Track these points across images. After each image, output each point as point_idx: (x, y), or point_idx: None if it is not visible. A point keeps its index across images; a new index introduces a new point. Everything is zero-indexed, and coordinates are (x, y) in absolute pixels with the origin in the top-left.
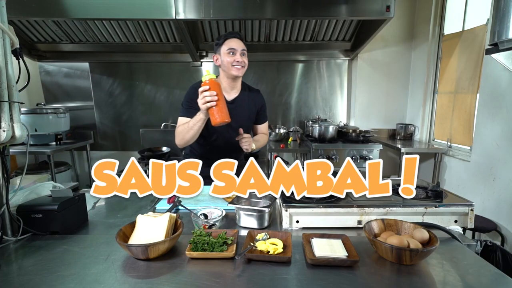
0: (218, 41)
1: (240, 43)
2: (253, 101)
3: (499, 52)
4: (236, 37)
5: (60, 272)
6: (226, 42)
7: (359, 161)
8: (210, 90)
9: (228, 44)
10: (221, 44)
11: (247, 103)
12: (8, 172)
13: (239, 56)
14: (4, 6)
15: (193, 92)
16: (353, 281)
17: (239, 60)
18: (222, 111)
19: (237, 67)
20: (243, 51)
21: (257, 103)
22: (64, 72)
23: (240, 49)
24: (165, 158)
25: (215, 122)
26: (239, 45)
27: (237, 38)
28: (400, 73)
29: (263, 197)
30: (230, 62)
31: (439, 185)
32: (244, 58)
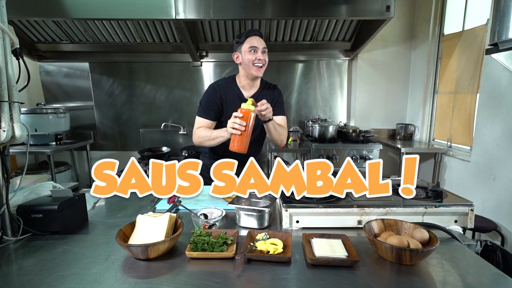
0: (238, 39)
1: (261, 41)
2: (269, 97)
3: (499, 52)
4: (258, 34)
5: (60, 272)
6: (247, 39)
7: (359, 161)
8: (242, 119)
9: (250, 42)
10: (242, 42)
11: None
12: (8, 172)
13: (261, 54)
14: (4, 6)
15: (212, 92)
16: (353, 281)
17: (261, 58)
18: (242, 143)
19: (258, 66)
20: (264, 49)
21: (273, 99)
22: (64, 72)
23: (262, 47)
24: (165, 158)
25: (232, 148)
26: (261, 43)
27: (258, 36)
28: (400, 73)
29: (263, 197)
30: (252, 60)
31: (439, 185)
32: (265, 56)
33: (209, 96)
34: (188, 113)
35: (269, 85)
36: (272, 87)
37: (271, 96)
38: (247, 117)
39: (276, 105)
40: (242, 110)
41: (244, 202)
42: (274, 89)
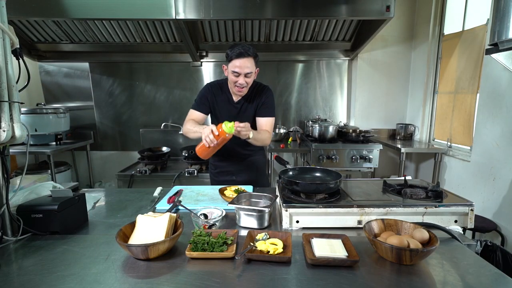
0: (228, 53)
1: (246, 64)
2: (258, 99)
3: (499, 52)
4: (243, 56)
5: (60, 272)
6: (233, 61)
7: (359, 161)
8: (216, 136)
9: (234, 64)
10: (228, 60)
11: (251, 104)
12: (8, 172)
13: (242, 78)
14: (4, 6)
15: (206, 89)
16: (353, 281)
17: (241, 82)
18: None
19: (238, 89)
20: (248, 74)
21: (260, 100)
22: (64, 72)
23: (244, 72)
24: (165, 158)
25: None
26: (245, 67)
27: (244, 58)
28: (400, 73)
29: (263, 197)
30: (233, 81)
31: (439, 185)
32: (247, 79)
33: (203, 93)
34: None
35: (260, 87)
36: (261, 89)
37: (259, 98)
38: (221, 136)
39: (262, 106)
40: (219, 129)
41: (244, 202)
42: (263, 91)
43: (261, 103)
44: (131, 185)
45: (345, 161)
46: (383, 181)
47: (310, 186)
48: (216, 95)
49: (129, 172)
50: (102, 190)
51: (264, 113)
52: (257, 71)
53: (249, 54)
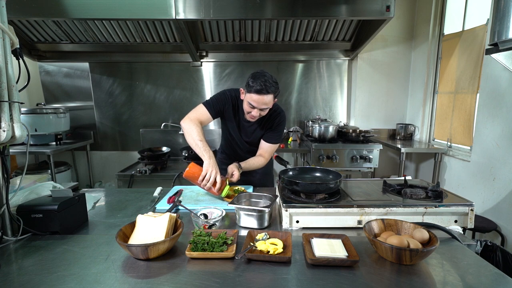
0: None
1: (264, 101)
2: (270, 122)
3: (499, 52)
4: (263, 93)
5: (60, 272)
6: (251, 94)
7: (359, 161)
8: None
9: (251, 97)
10: (247, 91)
11: (263, 125)
12: (8, 172)
13: (256, 111)
14: (4, 6)
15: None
16: (353, 281)
17: (254, 115)
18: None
19: (250, 118)
20: (263, 108)
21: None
22: (64, 72)
23: (260, 107)
24: (165, 158)
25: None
26: (261, 103)
27: (264, 95)
28: (400, 73)
29: (263, 197)
30: (247, 111)
31: (439, 185)
32: (262, 112)
33: (222, 99)
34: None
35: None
36: (275, 114)
37: (271, 122)
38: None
39: (271, 130)
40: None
41: (244, 202)
42: (276, 116)
43: (271, 126)
44: (131, 185)
45: (345, 161)
46: (383, 181)
47: (310, 186)
48: (232, 106)
49: (129, 172)
50: (102, 190)
51: (270, 138)
52: (275, 101)
53: (269, 92)
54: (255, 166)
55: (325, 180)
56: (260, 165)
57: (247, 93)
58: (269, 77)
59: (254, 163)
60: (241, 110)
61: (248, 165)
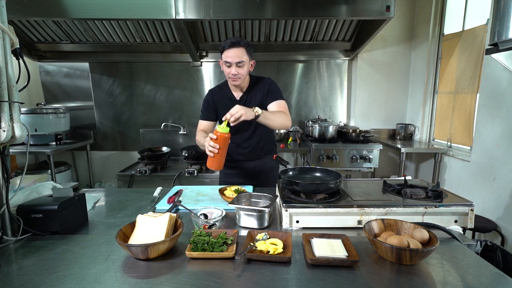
0: (220, 47)
1: (237, 54)
2: (260, 92)
3: (499, 52)
4: (234, 46)
5: (60, 272)
6: (224, 52)
7: (359, 161)
8: (216, 141)
9: (225, 55)
10: (221, 53)
11: (254, 97)
12: (8, 172)
13: (234, 68)
14: (4, 6)
15: (208, 96)
16: (353, 281)
17: (234, 73)
18: (216, 162)
19: (232, 79)
20: (240, 63)
21: (265, 91)
22: (64, 72)
23: (236, 61)
24: (165, 158)
25: (209, 166)
26: (236, 57)
27: (235, 48)
28: (400, 73)
29: (263, 197)
30: (226, 73)
31: (439, 185)
32: (240, 69)
33: (206, 101)
34: (188, 113)
35: (259, 79)
36: (261, 80)
37: (262, 89)
38: (221, 139)
39: (268, 94)
40: (217, 133)
41: (244, 202)
42: (264, 82)
43: (266, 91)
44: (131, 185)
45: (345, 161)
46: (383, 181)
47: (310, 186)
48: (217, 98)
49: (129, 172)
50: (102, 190)
51: (272, 98)
52: (253, 63)
53: (240, 44)
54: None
55: (325, 180)
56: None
57: (222, 54)
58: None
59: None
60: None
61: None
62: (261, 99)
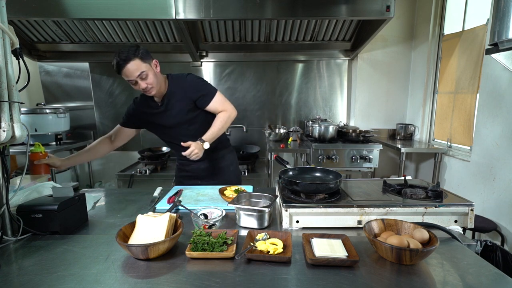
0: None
1: (132, 68)
2: (181, 89)
3: (499, 52)
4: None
5: (60, 272)
6: (120, 73)
7: (359, 161)
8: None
9: (124, 76)
10: (118, 73)
11: (176, 96)
12: (8, 172)
13: (141, 83)
14: (4, 6)
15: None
16: (353, 281)
17: (143, 87)
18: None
19: (148, 92)
20: (141, 74)
21: (187, 89)
22: (64, 72)
23: (135, 76)
24: (165, 158)
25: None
26: (132, 72)
27: (126, 64)
28: (400, 73)
29: (263, 197)
30: (138, 89)
31: (439, 185)
32: (146, 81)
33: (127, 109)
34: None
35: (178, 78)
36: (179, 79)
37: (183, 89)
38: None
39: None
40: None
41: (244, 202)
42: (182, 80)
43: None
44: (131, 185)
45: (345, 161)
46: (383, 181)
47: (310, 186)
48: (139, 107)
49: (129, 172)
50: (102, 190)
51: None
52: (154, 63)
53: (130, 58)
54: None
55: (325, 180)
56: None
57: (121, 76)
58: (124, 48)
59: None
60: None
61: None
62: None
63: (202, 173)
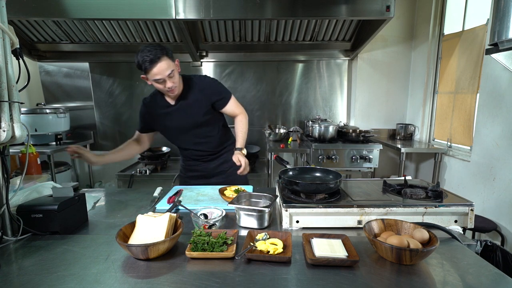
0: (139, 66)
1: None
2: (198, 90)
3: (499, 52)
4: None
5: (60, 272)
6: (147, 72)
7: (359, 161)
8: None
9: (151, 74)
10: (144, 72)
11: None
12: (8, 172)
13: (168, 82)
14: (4, 6)
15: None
16: (353, 281)
17: (169, 86)
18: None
19: (171, 92)
20: (170, 73)
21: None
22: (64, 72)
23: (166, 74)
24: (165, 158)
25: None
26: (163, 70)
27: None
28: (400, 73)
29: (263, 197)
30: (161, 89)
31: (439, 185)
32: (173, 79)
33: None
34: None
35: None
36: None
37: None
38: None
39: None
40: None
41: (244, 202)
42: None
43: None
44: (131, 185)
45: (345, 161)
46: (383, 181)
47: (310, 186)
48: (151, 108)
49: (129, 172)
50: (102, 190)
51: (223, 102)
52: (177, 62)
53: (160, 57)
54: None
55: (325, 180)
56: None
57: (147, 74)
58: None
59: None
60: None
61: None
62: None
63: (212, 171)
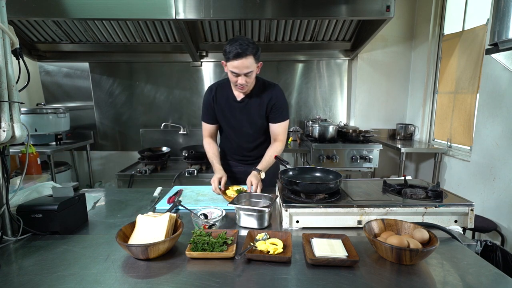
0: (225, 52)
1: (245, 64)
2: (265, 97)
3: (499, 52)
4: (241, 57)
5: (60, 272)
6: (230, 62)
7: (359, 161)
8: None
9: (232, 65)
10: (226, 59)
11: (256, 101)
12: (8, 172)
13: (242, 78)
14: (4, 6)
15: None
16: (353, 281)
17: (241, 83)
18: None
19: (239, 88)
20: (248, 73)
21: (270, 100)
22: (64, 72)
23: (244, 72)
24: (165, 158)
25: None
26: (243, 67)
27: (242, 58)
28: (400, 73)
29: (263, 197)
30: (233, 81)
31: (439, 185)
32: (247, 78)
33: (205, 101)
34: (188, 113)
35: (267, 85)
36: (269, 88)
37: (266, 97)
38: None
39: (273, 109)
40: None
41: (244, 202)
42: (271, 91)
43: (270, 104)
44: (131, 185)
45: (345, 161)
46: (383, 181)
47: (310, 186)
48: (217, 97)
49: (129, 172)
50: (102, 190)
51: (277, 117)
52: (259, 65)
53: (247, 54)
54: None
55: (325, 180)
56: (279, 151)
57: (228, 62)
58: (245, 39)
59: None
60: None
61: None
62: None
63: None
